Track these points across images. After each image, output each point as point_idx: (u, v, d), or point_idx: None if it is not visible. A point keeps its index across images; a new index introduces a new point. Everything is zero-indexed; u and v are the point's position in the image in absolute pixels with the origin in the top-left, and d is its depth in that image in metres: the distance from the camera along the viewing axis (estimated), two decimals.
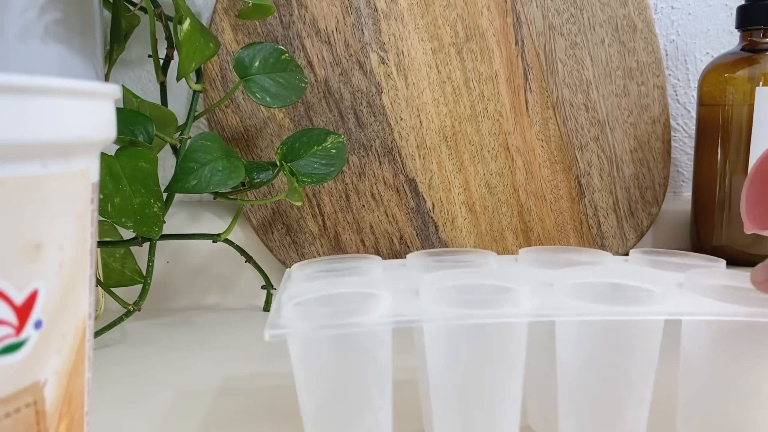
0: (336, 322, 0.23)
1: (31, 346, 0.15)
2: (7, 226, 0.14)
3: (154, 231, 0.37)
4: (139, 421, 0.33)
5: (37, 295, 0.15)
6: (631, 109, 0.50)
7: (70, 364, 0.17)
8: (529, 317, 0.24)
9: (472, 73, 0.50)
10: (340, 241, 0.51)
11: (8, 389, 0.15)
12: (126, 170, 0.37)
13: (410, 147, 0.50)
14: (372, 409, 0.25)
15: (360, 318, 0.24)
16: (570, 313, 0.24)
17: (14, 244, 0.15)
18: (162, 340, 0.45)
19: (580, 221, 0.51)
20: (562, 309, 0.25)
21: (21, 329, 0.15)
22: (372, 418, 0.25)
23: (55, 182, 0.16)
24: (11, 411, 0.15)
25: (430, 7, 0.49)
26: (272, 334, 0.23)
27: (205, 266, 0.52)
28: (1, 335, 0.15)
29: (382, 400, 0.25)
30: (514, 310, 0.24)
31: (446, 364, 0.25)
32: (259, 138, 0.51)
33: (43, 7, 0.39)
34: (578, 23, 0.49)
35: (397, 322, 0.24)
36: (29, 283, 0.15)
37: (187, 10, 0.39)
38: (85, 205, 0.17)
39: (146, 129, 0.38)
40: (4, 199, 0.14)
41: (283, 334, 0.23)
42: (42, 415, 0.16)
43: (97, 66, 0.44)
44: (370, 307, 0.24)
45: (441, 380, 0.26)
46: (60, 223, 0.16)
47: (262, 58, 0.43)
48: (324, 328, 0.23)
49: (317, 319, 0.23)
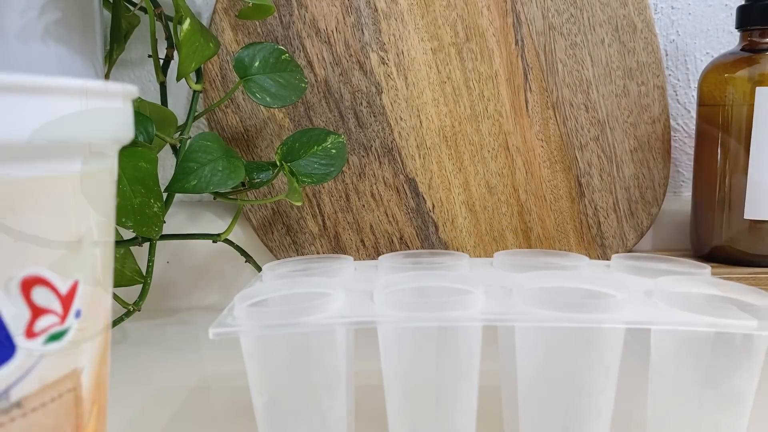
0: (281, 322, 0.24)
1: (72, 334, 0.16)
2: (56, 221, 0.16)
3: (154, 231, 0.37)
4: (138, 421, 0.33)
5: (78, 286, 0.16)
6: (631, 109, 0.50)
7: (100, 352, 0.18)
8: (475, 321, 0.24)
9: (472, 73, 0.50)
10: (340, 241, 0.51)
11: (54, 375, 0.16)
12: (126, 170, 0.37)
13: (410, 147, 0.50)
14: (320, 410, 0.25)
15: (307, 318, 0.24)
16: (514, 318, 0.24)
17: (61, 238, 0.16)
18: (162, 340, 0.45)
19: (580, 221, 0.51)
20: (506, 313, 0.24)
21: (65, 318, 0.16)
22: (319, 419, 0.25)
23: (92, 179, 0.17)
24: (56, 396, 0.16)
25: (430, 7, 0.49)
26: (216, 333, 0.23)
27: (205, 266, 0.52)
28: (49, 323, 0.16)
29: (331, 401, 0.25)
30: (459, 313, 0.24)
31: (396, 366, 0.25)
32: (259, 138, 0.50)
33: (43, 7, 0.39)
34: (578, 23, 0.49)
35: (343, 323, 0.24)
36: (71, 274, 0.16)
37: (187, 10, 0.39)
38: (112, 201, 0.18)
39: (146, 129, 0.38)
40: (54, 195, 0.15)
41: (227, 332, 0.23)
42: (80, 401, 0.17)
43: (97, 66, 0.44)
44: (320, 307, 0.24)
45: (392, 383, 0.25)
46: (95, 218, 0.17)
47: (262, 58, 0.43)
48: (269, 328, 0.24)
49: (265, 319, 0.24)
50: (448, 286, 0.27)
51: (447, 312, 0.24)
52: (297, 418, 0.25)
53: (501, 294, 0.27)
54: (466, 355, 0.25)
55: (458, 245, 0.51)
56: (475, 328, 0.25)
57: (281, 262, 0.32)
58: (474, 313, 0.24)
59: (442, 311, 0.24)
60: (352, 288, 0.28)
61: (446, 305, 0.24)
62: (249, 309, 0.24)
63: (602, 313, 0.24)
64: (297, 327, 0.24)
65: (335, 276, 0.31)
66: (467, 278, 0.28)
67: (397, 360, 0.25)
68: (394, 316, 0.24)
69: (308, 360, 0.25)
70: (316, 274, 0.31)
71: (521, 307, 0.25)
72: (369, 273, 0.31)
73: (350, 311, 0.25)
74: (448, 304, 0.24)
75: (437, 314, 0.24)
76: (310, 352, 0.25)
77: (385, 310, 0.25)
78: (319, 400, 0.25)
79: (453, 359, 0.25)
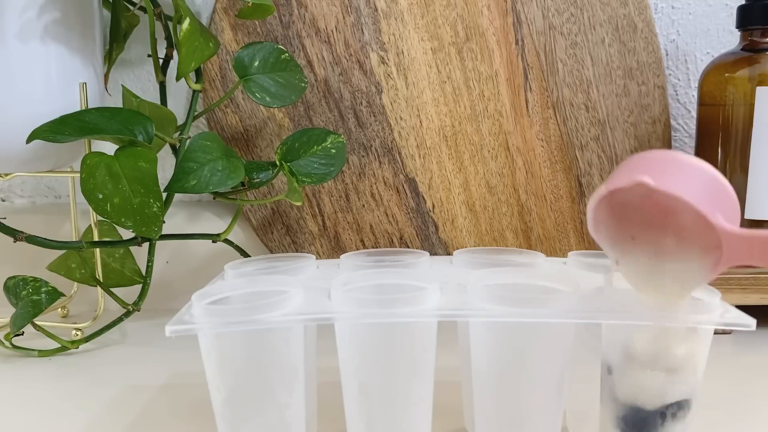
0: (237, 319, 0.24)
1: None
2: None
3: (153, 231, 0.37)
4: (139, 421, 0.33)
5: None
6: (632, 108, 0.50)
7: None
8: (427, 317, 0.24)
9: (472, 73, 0.50)
10: (340, 241, 0.51)
11: None
12: (125, 170, 0.37)
13: (410, 147, 0.50)
14: (276, 407, 0.25)
15: (263, 315, 0.24)
16: (465, 314, 0.24)
17: None
18: (162, 340, 0.45)
19: (581, 221, 0.51)
20: (458, 309, 0.25)
21: None
22: (277, 415, 0.25)
23: None
24: None
25: (430, 7, 0.49)
26: (173, 330, 0.24)
27: (204, 266, 0.52)
28: None
29: (289, 398, 0.25)
30: (412, 310, 0.24)
31: (352, 362, 0.25)
32: (259, 138, 0.50)
33: (43, 7, 0.39)
34: (578, 23, 0.49)
35: (298, 320, 0.24)
36: None
37: (186, 10, 0.39)
38: None
39: (146, 129, 0.38)
40: None
41: (184, 329, 0.24)
42: None
43: (96, 66, 0.44)
44: (276, 304, 0.25)
45: (348, 378, 0.26)
46: None
47: (262, 58, 0.43)
48: (225, 325, 0.24)
49: (222, 316, 0.24)
50: (405, 283, 0.28)
51: (400, 308, 0.24)
52: (254, 414, 0.25)
53: (456, 291, 0.27)
54: (420, 351, 0.25)
55: (458, 245, 0.51)
56: (429, 324, 0.25)
57: (245, 261, 0.32)
58: (426, 309, 0.25)
59: (396, 308, 0.24)
60: (311, 286, 0.28)
61: (399, 302, 0.24)
62: (206, 307, 0.24)
63: (550, 309, 0.24)
64: (253, 324, 0.24)
65: (297, 274, 0.31)
66: (424, 276, 0.28)
67: (353, 356, 0.25)
68: (349, 312, 0.24)
69: (265, 357, 0.25)
70: (279, 272, 0.31)
71: (473, 303, 0.25)
72: (330, 271, 0.32)
73: (307, 308, 0.25)
74: (401, 300, 0.24)
75: (390, 310, 0.24)
76: (266, 349, 0.25)
77: (340, 307, 0.25)
78: (277, 397, 0.25)
79: (407, 354, 0.25)
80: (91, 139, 0.41)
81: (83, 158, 0.36)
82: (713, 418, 0.32)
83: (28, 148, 0.38)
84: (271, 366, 0.25)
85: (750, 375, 0.38)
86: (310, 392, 0.28)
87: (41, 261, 0.47)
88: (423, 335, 0.25)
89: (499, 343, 0.25)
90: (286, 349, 0.25)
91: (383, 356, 0.25)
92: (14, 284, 0.42)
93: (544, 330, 0.25)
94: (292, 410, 0.26)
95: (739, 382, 0.37)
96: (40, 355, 0.42)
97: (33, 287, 0.41)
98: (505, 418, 0.26)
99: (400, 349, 0.25)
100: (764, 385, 0.37)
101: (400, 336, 0.25)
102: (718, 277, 0.41)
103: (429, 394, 0.26)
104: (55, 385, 0.38)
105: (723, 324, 0.24)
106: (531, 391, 0.25)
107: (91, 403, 0.35)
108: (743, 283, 0.43)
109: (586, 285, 0.27)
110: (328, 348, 0.27)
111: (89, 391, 0.37)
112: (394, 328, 0.25)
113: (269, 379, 0.25)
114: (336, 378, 0.26)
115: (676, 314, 0.24)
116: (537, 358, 0.25)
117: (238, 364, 0.25)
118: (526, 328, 0.25)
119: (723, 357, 0.40)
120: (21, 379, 0.39)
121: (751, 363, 0.39)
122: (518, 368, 0.25)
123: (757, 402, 0.34)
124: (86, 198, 0.36)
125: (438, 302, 0.25)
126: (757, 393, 0.35)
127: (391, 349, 0.25)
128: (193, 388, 0.36)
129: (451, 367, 0.29)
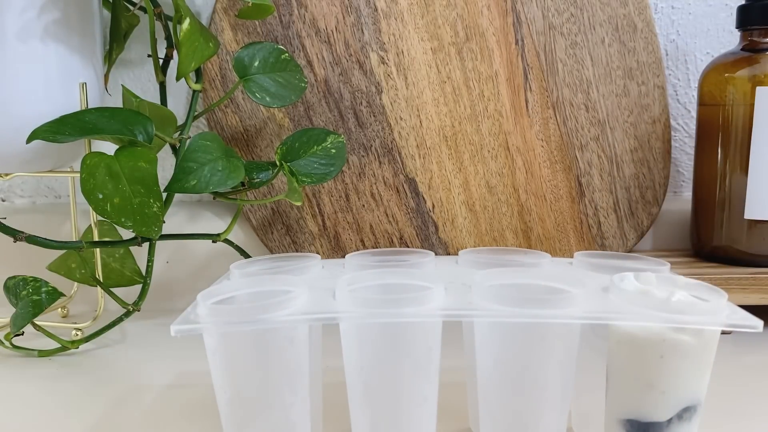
0: (242, 319, 0.24)
1: None
2: None
3: (153, 231, 0.37)
4: (139, 421, 0.33)
5: None
6: (632, 108, 0.50)
7: None
8: (431, 317, 0.24)
9: (472, 73, 0.50)
10: (340, 241, 0.51)
11: None
12: (125, 170, 0.37)
13: (410, 147, 0.50)
14: (282, 405, 0.25)
15: (268, 315, 0.24)
16: (469, 314, 0.24)
17: None
18: (162, 340, 0.45)
19: (580, 221, 0.51)
20: (462, 309, 0.25)
21: None
22: (282, 414, 0.25)
23: None
24: None
25: (430, 7, 0.49)
26: (178, 330, 0.23)
27: (204, 266, 0.52)
28: None
29: (293, 398, 0.25)
30: (417, 309, 0.24)
31: (357, 361, 0.25)
32: (259, 138, 0.50)
33: (43, 6, 0.39)
34: (578, 23, 0.49)
35: (303, 319, 0.24)
36: None
37: (186, 10, 0.39)
38: None
39: (146, 129, 0.38)
40: None
41: (189, 329, 0.24)
42: None
43: (96, 66, 0.44)
44: (281, 304, 0.24)
45: (353, 378, 0.26)
46: None
47: (262, 58, 0.43)
48: (230, 325, 0.24)
49: (227, 316, 0.24)
50: (410, 283, 0.28)
51: (405, 308, 0.24)
52: (259, 414, 0.25)
53: (460, 290, 0.27)
54: (424, 350, 0.25)
55: (458, 245, 0.51)
56: (434, 324, 0.25)
57: (250, 261, 0.32)
58: (431, 309, 0.25)
59: (400, 307, 0.24)
60: (316, 286, 0.28)
61: (404, 302, 0.24)
62: (211, 306, 0.24)
63: (555, 309, 0.24)
64: (258, 324, 0.24)
65: (302, 274, 0.31)
66: (429, 275, 0.28)
67: (357, 355, 0.25)
68: (354, 312, 0.24)
69: (270, 356, 0.25)
70: (284, 272, 0.31)
71: (478, 303, 0.25)
72: (335, 271, 0.32)
73: (312, 308, 0.25)
74: (406, 300, 0.24)
75: (395, 310, 0.24)
76: (271, 349, 0.25)
77: (345, 307, 0.25)
78: (282, 396, 0.25)
79: (412, 354, 0.25)
80: (91, 139, 0.41)
81: (83, 158, 0.36)
82: (713, 418, 0.32)
83: (28, 148, 0.38)
84: (276, 366, 0.25)
85: (750, 375, 0.38)
86: (315, 392, 0.28)
87: (41, 261, 0.47)
88: (428, 335, 0.25)
89: (505, 343, 0.25)
90: (291, 348, 0.25)
91: (388, 356, 0.25)
92: (14, 284, 0.42)
93: (549, 330, 0.25)
94: (296, 410, 0.26)
95: (739, 382, 0.37)
96: (41, 355, 0.42)
97: (33, 287, 0.41)
98: (510, 418, 0.26)
99: (405, 349, 0.25)
100: (765, 385, 0.37)
101: (404, 336, 0.25)
102: (719, 278, 0.41)
103: (434, 394, 0.26)
104: (55, 385, 0.38)
105: (730, 325, 0.24)
106: (536, 392, 0.25)
107: (92, 403, 0.35)
108: (743, 283, 0.43)
109: (592, 285, 0.27)
110: (333, 348, 0.27)
111: (89, 391, 0.37)
112: (399, 328, 0.25)
113: (274, 379, 0.25)
114: (341, 378, 0.26)
115: (682, 315, 0.24)
116: (542, 358, 0.25)
117: (243, 364, 0.25)
118: (531, 328, 0.25)
119: (723, 357, 0.40)
120: (21, 379, 0.39)
121: (751, 363, 0.40)
122: (523, 369, 0.25)
123: (758, 402, 0.34)
124: (86, 198, 0.36)
125: (443, 302, 0.25)
126: (757, 393, 0.35)
127: (396, 349, 0.25)
128: (195, 388, 0.36)
129: (456, 367, 0.29)
